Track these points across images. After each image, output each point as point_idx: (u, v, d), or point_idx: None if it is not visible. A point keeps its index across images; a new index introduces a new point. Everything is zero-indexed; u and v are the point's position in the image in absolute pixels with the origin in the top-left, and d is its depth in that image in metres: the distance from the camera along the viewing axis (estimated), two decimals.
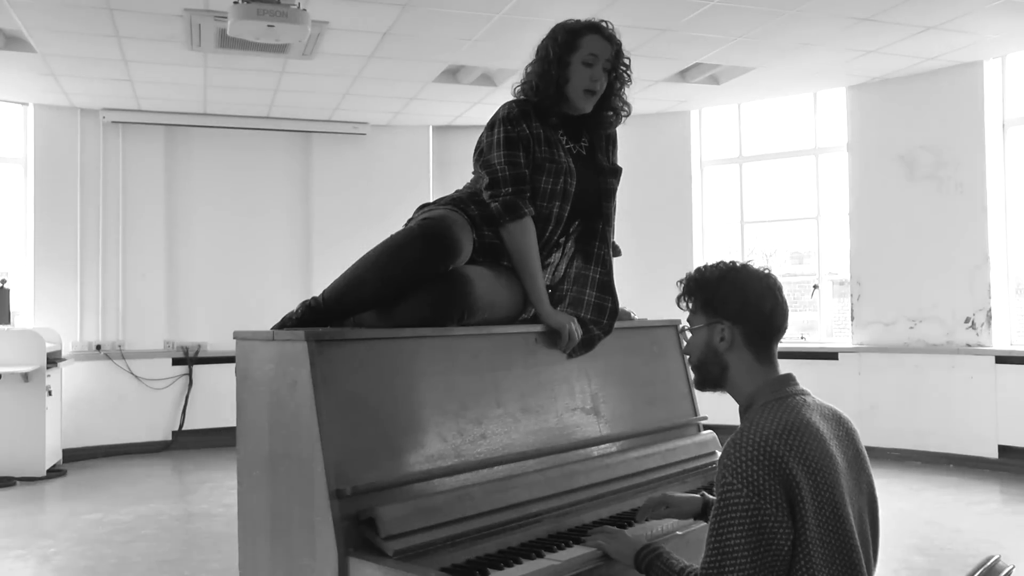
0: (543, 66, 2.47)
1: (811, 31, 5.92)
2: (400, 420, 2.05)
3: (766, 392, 1.77)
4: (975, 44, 6.31)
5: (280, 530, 2.06)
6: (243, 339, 2.22)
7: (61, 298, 7.69)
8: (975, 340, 6.77)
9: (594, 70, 2.44)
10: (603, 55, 2.45)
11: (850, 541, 1.64)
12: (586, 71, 2.44)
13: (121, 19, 5.48)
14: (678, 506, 2.15)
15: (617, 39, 2.51)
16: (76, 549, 4.87)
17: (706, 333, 1.83)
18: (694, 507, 2.15)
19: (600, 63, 2.45)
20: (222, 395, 7.35)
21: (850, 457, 1.75)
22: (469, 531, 1.97)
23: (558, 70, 2.44)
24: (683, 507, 2.15)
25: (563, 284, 2.60)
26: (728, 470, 1.63)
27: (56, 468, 7.02)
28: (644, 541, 1.92)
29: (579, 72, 2.44)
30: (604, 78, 2.48)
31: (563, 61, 2.45)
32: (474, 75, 6.92)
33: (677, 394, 2.82)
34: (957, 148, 6.90)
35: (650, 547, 1.86)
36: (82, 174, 7.80)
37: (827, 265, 7.92)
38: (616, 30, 2.53)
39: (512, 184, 2.39)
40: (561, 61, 2.45)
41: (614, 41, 2.49)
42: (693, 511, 2.16)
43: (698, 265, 1.92)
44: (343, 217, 8.41)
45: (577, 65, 2.44)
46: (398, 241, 2.25)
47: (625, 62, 2.52)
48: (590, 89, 2.45)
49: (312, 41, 5.87)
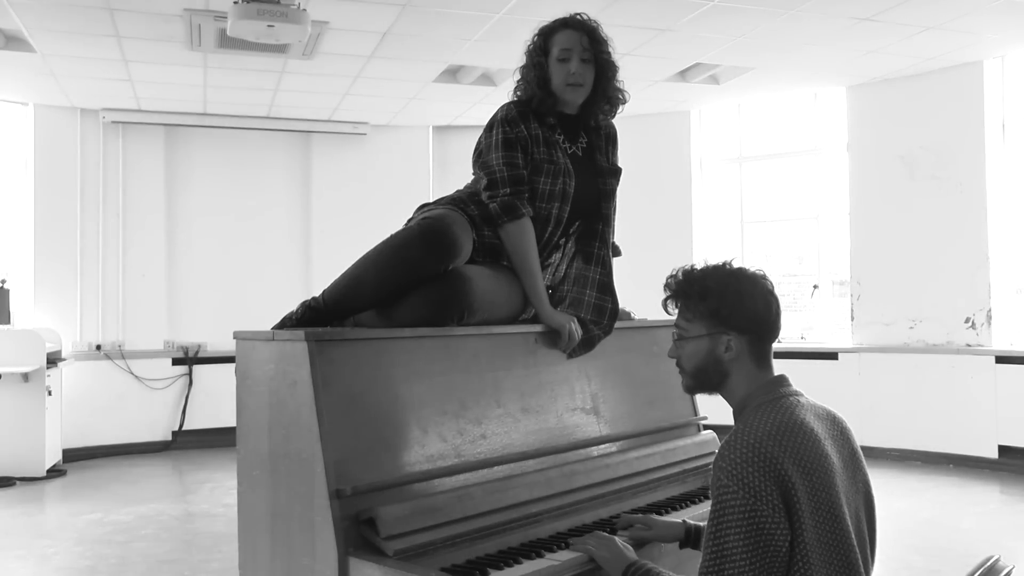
0: (524, 72, 2.51)
1: (811, 31, 5.92)
2: (400, 420, 2.05)
3: (759, 394, 1.77)
4: (975, 44, 6.31)
5: (280, 530, 2.06)
6: (243, 339, 2.22)
7: (61, 298, 7.69)
8: (975, 340, 6.77)
9: (571, 63, 2.45)
10: (576, 47, 2.45)
11: (847, 541, 1.64)
12: (563, 67, 2.45)
13: (121, 19, 5.48)
14: (659, 529, 2.12)
15: (589, 25, 2.50)
16: (76, 549, 4.87)
17: (708, 342, 1.79)
18: (676, 533, 2.11)
19: (575, 55, 2.45)
20: (222, 395, 7.36)
21: (845, 457, 1.75)
22: (469, 531, 1.97)
23: (537, 72, 2.47)
24: (664, 531, 2.12)
25: (563, 284, 2.60)
26: (723, 472, 1.62)
27: (56, 468, 7.02)
28: (634, 556, 1.89)
29: (557, 69, 2.46)
30: (586, 68, 2.46)
31: (540, 64, 2.47)
32: (474, 75, 6.92)
33: (677, 394, 2.82)
34: (957, 148, 6.90)
35: (638, 563, 1.85)
36: (82, 174, 7.81)
37: (827, 265, 7.92)
38: (590, 18, 2.52)
39: (510, 185, 2.39)
40: (539, 64, 2.47)
41: (585, 28, 2.48)
42: (675, 536, 2.11)
43: (684, 267, 1.86)
44: (343, 217, 8.41)
45: (554, 64, 2.46)
46: (398, 241, 2.25)
47: (604, 47, 2.50)
48: (572, 82, 2.45)
49: (312, 41, 5.87)
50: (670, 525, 2.14)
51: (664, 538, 2.12)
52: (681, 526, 2.13)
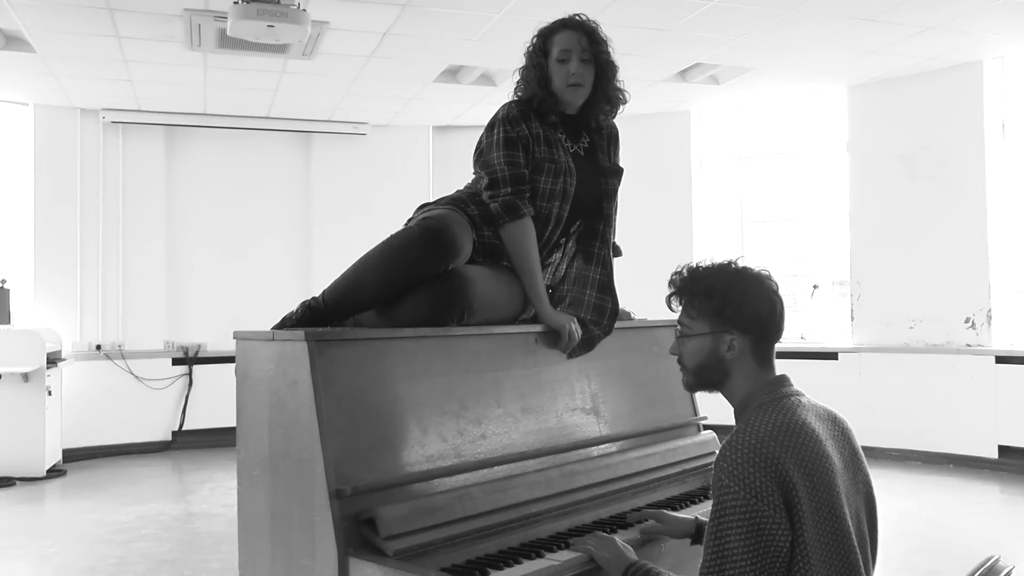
0: (524, 72, 2.51)
1: (811, 31, 5.92)
2: (400, 420, 2.05)
3: (761, 394, 1.76)
4: (975, 44, 6.31)
5: (280, 530, 2.06)
6: (243, 339, 2.22)
7: (61, 298, 7.69)
8: (975, 340, 6.77)
9: (571, 64, 2.45)
10: (576, 47, 2.45)
11: (847, 541, 1.63)
12: (563, 68, 2.45)
13: (121, 19, 5.48)
14: (671, 524, 2.14)
15: (588, 26, 2.50)
16: (76, 549, 4.87)
17: (711, 341, 1.79)
18: (687, 528, 2.13)
19: (575, 56, 2.45)
20: (222, 395, 7.34)
21: (846, 457, 1.75)
22: (469, 531, 1.97)
23: (537, 74, 2.47)
24: (676, 526, 2.13)
25: (563, 284, 2.60)
26: (724, 473, 1.62)
27: (56, 468, 7.02)
28: (634, 556, 1.89)
29: (557, 70, 2.46)
30: (586, 68, 2.47)
31: (540, 65, 2.47)
32: (474, 75, 6.92)
33: (677, 394, 2.82)
34: (957, 148, 6.89)
35: (639, 564, 1.85)
36: (82, 174, 7.80)
37: (827, 265, 7.92)
38: (588, 18, 2.52)
39: (511, 184, 2.39)
40: (539, 65, 2.47)
41: (584, 28, 2.48)
42: (686, 532, 2.12)
43: (689, 264, 1.86)
44: (343, 217, 8.41)
45: (554, 65, 2.46)
46: (398, 241, 2.25)
47: (603, 48, 2.50)
48: (572, 83, 2.46)
49: (312, 41, 5.87)
50: (681, 521, 2.15)
51: (675, 533, 2.13)
52: (692, 522, 2.14)
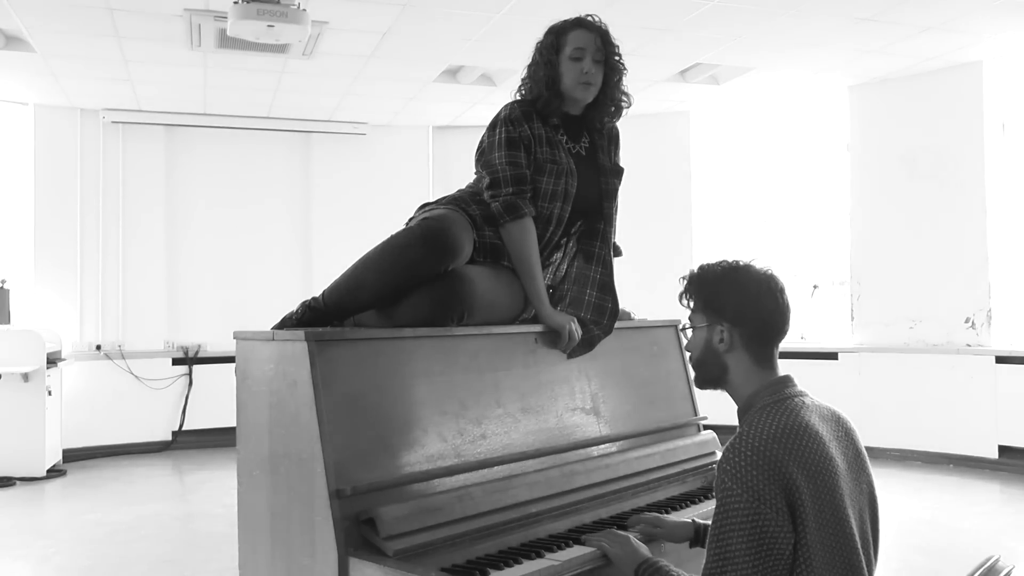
0: (534, 70, 2.51)
1: (811, 31, 5.92)
2: (400, 420, 2.05)
3: (764, 395, 1.77)
4: (975, 44, 6.31)
5: (280, 530, 2.06)
6: (243, 339, 2.22)
7: (61, 298, 7.69)
8: (975, 340, 6.77)
9: (584, 63, 2.45)
10: (590, 47, 2.46)
11: (850, 544, 1.63)
12: (576, 66, 2.45)
13: (121, 19, 5.48)
14: (670, 529, 2.14)
15: (602, 28, 2.51)
16: (76, 549, 4.87)
17: (706, 333, 1.83)
18: (686, 532, 2.13)
19: (589, 55, 2.46)
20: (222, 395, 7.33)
21: (850, 458, 1.75)
22: (469, 531, 1.97)
23: (548, 71, 2.46)
24: (674, 530, 2.13)
25: (563, 284, 2.60)
26: (727, 475, 1.62)
27: (56, 468, 7.02)
28: (647, 554, 1.89)
29: (569, 68, 2.46)
30: (597, 69, 2.48)
31: (552, 62, 2.47)
32: (474, 75, 6.92)
33: (677, 394, 2.82)
34: (957, 148, 6.89)
35: (651, 560, 1.85)
36: (82, 174, 7.80)
37: (827, 265, 7.92)
38: (601, 21, 2.53)
39: (513, 184, 2.39)
40: (550, 62, 2.47)
41: (599, 30, 2.50)
42: (685, 536, 2.13)
43: (701, 263, 1.90)
44: (343, 217, 8.41)
45: (567, 62, 2.46)
46: (398, 241, 2.25)
47: (615, 50, 2.52)
48: (584, 81, 2.46)
49: (312, 41, 5.87)
50: (680, 525, 2.15)
51: (674, 537, 2.13)
52: (691, 525, 2.14)
